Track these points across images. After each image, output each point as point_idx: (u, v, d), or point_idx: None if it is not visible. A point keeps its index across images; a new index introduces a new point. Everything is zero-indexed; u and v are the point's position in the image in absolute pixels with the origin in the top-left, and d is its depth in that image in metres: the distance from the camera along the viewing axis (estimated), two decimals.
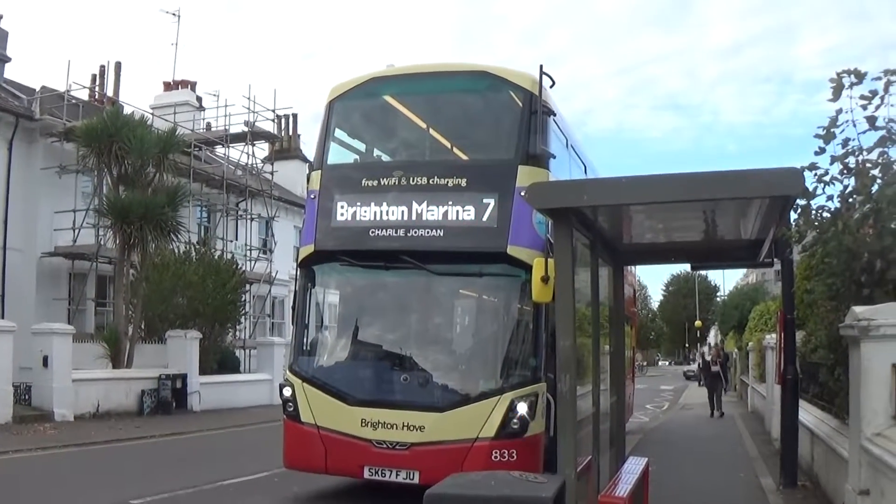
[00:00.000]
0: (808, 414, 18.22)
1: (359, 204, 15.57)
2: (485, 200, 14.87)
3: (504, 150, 15.75)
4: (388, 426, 14.59)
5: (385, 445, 14.60)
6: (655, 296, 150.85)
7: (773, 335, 24.65)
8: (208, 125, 50.04)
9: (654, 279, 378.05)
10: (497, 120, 16.56)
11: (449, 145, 17.20)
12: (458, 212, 14.96)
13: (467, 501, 7.29)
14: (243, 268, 43.05)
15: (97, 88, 44.68)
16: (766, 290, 69.81)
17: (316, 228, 15.95)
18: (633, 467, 13.18)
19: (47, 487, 17.24)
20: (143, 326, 36.14)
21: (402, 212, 15.23)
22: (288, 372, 16.25)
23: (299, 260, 16.49)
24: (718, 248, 14.07)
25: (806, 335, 18.46)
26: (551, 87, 15.63)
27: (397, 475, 14.63)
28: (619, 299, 15.09)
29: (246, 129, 46.31)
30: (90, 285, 37.98)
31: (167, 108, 45.76)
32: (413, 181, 15.43)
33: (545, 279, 10.67)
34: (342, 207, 15.71)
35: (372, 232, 15.40)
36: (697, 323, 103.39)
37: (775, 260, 15.61)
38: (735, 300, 70.38)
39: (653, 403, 48.28)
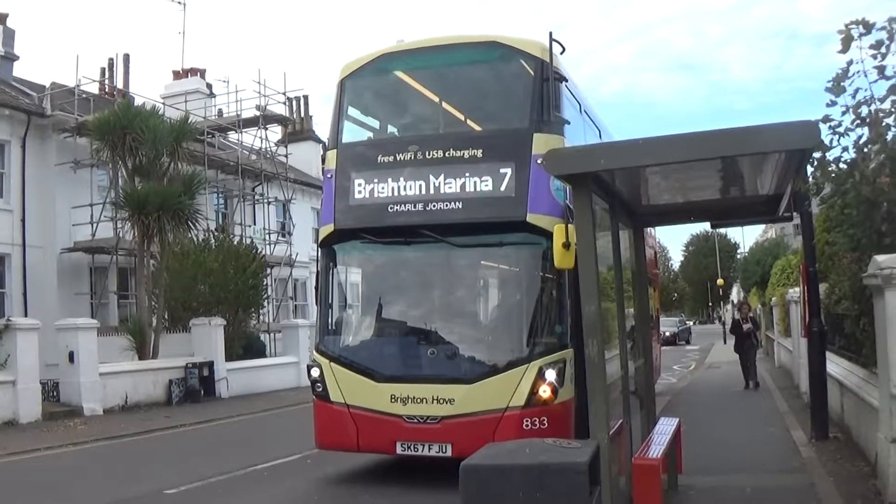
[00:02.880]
0: (836, 365, 18.20)
1: (376, 181, 15.61)
2: (502, 170, 14.88)
3: (518, 119, 15.74)
4: (418, 401, 14.68)
5: (416, 420, 14.71)
6: (676, 256, 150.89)
7: (797, 289, 24.62)
8: (220, 112, 49.99)
9: (673, 240, 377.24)
10: (509, 89, 16.51)
11: (463, 117, 17.19)
12: (475, 183, 14.98)
13: (503, 471, 7.33)
14: (263, 252, 42.94)
15: (107, 81, 44.77)
16: (787, 245, 69.68)
17: (335, 207, 16.01)
18: (665, 428, 13.26)
19: (81, 482, 17.31)
20: (166, 316, 36.12)
21: (420, 186, 15.27)
22: (315, 352, 16.28)
23: (320, 240, 16.54)
24: (737, 205, 14.14)
25: (829, 287, 18.43)
26: (561, 53, 15.66)
27: (430, 449, 14.75)
28: (640, 261, 15.20)
29: (258, 113, 46.07)
30: (111, 278, 37.98)
31: (178, 97, 45.65)
32: (429, 155, 15.44)
33: (566, 245, 10.70)
34: (360, 185, 15.74)
35: (391, 208, 15.44)
36: (720, 281, 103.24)
37: (794, 214, 15.61)
38: (756, 256, 70.33)
39: (680, 364, 48.26)
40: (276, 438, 22.49)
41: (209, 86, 51.43)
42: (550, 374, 14.28)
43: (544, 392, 14.22)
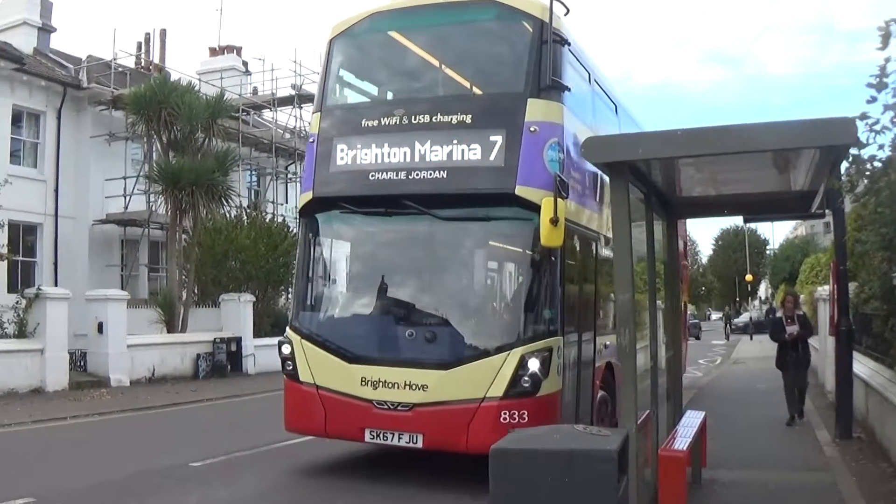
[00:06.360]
0: (863, 365, 18.17)
1: (359, 146, 14.77)
2: (491, 138, 13.89)
3: (512, 83, 14.70)
4: (389, 385, 13.75)
5: (386, 406, 13.76)
6: (705, 250, 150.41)
7: (826, 287, 24.49)
8: (255, 89, 50.15)
9: (703, 233, 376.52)
10: (505, 50, 15.51)
11: (455, 80, 16.19)
12: (462, 151, 14.03)
13: (532, 456, 7.33)
14: (294, 230, 42.91)
15: (143, 56, 45.00)
16: (817, 243, 69.54)
17: (314, 174, 15.23)
18: (692, 421, 13.22)
19: (106, 452, 17.42)
20: (196, 291, 36.58)
21: (404, 153, 14.37)
22: (288, 328, 15.44)
23: (298, 208, 15.94)
24: (770, 200, 14.04)
25: (858, 286, 18.38)
26: (565, 14, 14.69)
27: (399, 438, 13.82)
28: (673, 254, 14.87)
29: (293, 92, 46.23)
30: (143, 251, 38.31)
31: (213, 74, 46.01)
32: (415, 119, 14.55)
33: (554, 221, 10.48)
34: (341, 151, 14.93)
35: (372, 175, 14.56)
36: (748, 277, 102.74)
37: (827, 211, 15.54)
38: (785, 253, 70.42)
39: (705, 358, 48.09)
40: None
41: (245, 63, 51.65)
42: (534, 364, 13.16)
43: (525, 383, 13.18)
